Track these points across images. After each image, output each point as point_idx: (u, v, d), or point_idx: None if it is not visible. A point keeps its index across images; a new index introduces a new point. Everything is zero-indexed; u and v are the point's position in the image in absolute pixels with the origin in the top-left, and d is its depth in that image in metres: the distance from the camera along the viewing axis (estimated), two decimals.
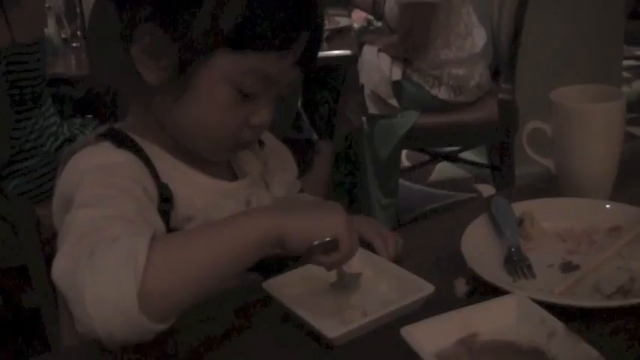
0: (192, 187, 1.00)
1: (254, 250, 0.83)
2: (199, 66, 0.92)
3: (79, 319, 0.76)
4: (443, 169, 3.81)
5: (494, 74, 3.05)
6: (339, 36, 2.97)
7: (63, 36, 3.06)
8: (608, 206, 1.15)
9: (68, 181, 0.93)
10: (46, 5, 3.01)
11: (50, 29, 2.97)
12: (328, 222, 0.86)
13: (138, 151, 0.97)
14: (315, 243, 0.85)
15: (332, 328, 0.87)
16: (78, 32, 3.07)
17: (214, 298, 0.95)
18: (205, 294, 0.83)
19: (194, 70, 0.92)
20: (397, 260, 1.04)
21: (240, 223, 0.84)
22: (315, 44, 0.97)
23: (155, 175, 0.96)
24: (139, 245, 0.77)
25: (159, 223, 0.91)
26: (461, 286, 0.99)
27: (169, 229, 0.95)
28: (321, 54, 2.89)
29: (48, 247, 1.93)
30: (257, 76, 0.94)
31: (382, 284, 0.98)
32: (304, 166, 2.62)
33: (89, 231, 0.81)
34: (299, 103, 2.91)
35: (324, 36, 3.00)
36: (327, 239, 0.85)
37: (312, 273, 0.98)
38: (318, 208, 0.91)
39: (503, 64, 2.99)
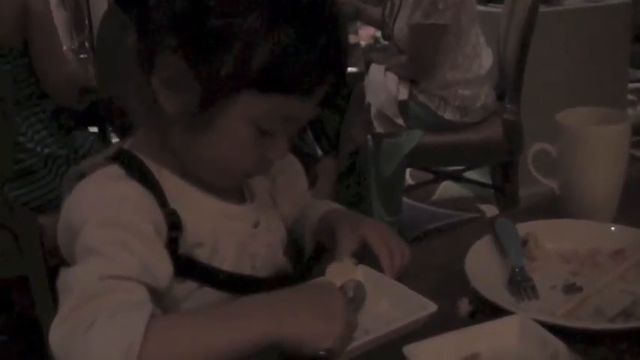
0: (201, 212, 1.00)
1: (247, 351, 0.82)
2: (222, 104, 0.91)
3: None
4: (446, 189, 3.81)
5: (500, 95, 3.06)
6: None
7: (71, 47, 3.08)
8: (612, 229, 1.16)
9: (74, 212, 0.92)
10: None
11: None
12: (326, 334, 0.84)
13: (146, 176, 0.96)
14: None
15: None
16: (86, 43, 3.08)
17: None
18: None
19: (216, 108, 0.91)
20: (401, 276, 1.03)
21: (238, 324, 0.83)
22: (339, 86, 0.97)
23: (163, 202, 0.95)
24: (135, 329, 0.77)
25: (165, 266, 0.90)
26: (464, 306, 0.99)
27: (178, 256, 0.95)
28: None
29: (50, 257, 1.93)
30: (279, 117, 0.93)
31: (385, 302, 0.98)
32: (307, 182, 2.61)
33: (89, 296, 0.81)
34: None
35: None
36: (321, 353, 0.84)
37: None
38: (320, 310, 0.86)
39: (508, 84, 2.99)
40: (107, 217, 0.89)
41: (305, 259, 1.18)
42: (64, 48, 2.74)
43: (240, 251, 1.04)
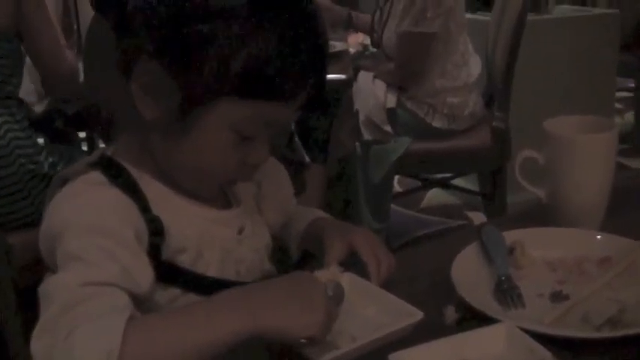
0: (184, 218, 0.99)
1: (229, 345, 0.82)
2: (201, 111, 0.90)
3: None
4: (434, 196, 3.82)
5: (488, 102, 3.07)
6: (335, 60, 2.97)
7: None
8: (598, 237, 1.16)
9: (56, 218, 0.91)
10: None
11: None
12: (307, 323, 0.84)
13: (128, 182, 0.95)
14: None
15: (320, 353, 0.87)
16: (74, 49, 3.07)
17: None
18: None
19: (195, 115, 0.91)
20: (387, 283, 1.03)
21: (218, 320, 0.82)
22: (320, 90, 0.96)
23: (145, 208, 0.95)
24: (114, 334, 0.76)
25: (146, 272, 0.90)
26: (450, 314, 0.99)
27: (161, 262, 0.95)
28: None
29: (19, 277, 1.87)
30: (260, 122, 0.93)
31: (371, 310, 0.98)
32: (296, 189, 2.61)
33: (69, 305, 0.80)
34: (292, 126, 2.91)
35: None
36: (302, 341, 0.85)
37: None
38: (299, 299, 0.86)
39: (497, 92, 3.00)
40: (88, 224, 0.88)
41: (291, 265, 1.17)
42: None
43: (224, 257, 1.03)
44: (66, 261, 0.86)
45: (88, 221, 0.89)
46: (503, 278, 1.05)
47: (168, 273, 0.96)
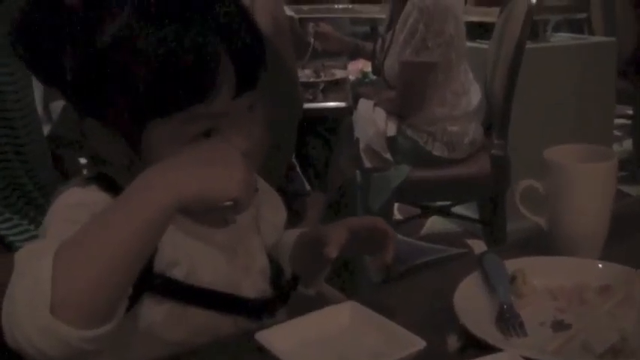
0: (177, 234, 0.99)
1: (157, 227, 0.83)
2: (147, 139, 0.94)
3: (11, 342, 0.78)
4: (434, 223, 3.82)
5: (487, 130, 3.08)
6: (335, 88, 2.99)
7: None
8: (599, 265, 1.16)
9: (47, 218, 0.96)
10: None
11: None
12: (226, 184, 0.85)
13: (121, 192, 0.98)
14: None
15: None
16: None
17: (206, 348, 0.95)
18: (125, 282, 0.82)
19: (147, 143, 0.94)
20: (388, 311, 1.03)
21: (135, 204, 0.82)
22: (250, 60, 0.95)
23: None
24: (45, 267, 0.77)
25: None
26: (453, 342, 0.99)
27: (153, 274, 0.96)
28: (316, 105, 2.91)
29: None
30: (199, 120, 0.93)
31: (373, 338, 0.98)
32: (296, 217, 2.61)
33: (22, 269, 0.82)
34: (293, 155, 2.92)
35: (320, 87, 3.02)
36: (228, 203, 0.86)
37: (303, 325, 0.98)
38: (215, 165, 0.87)
39: (496, 120, 3.01)
40: (68, 218, 0.91)
41: (284, 282, 1.17)
42: None
43: (217, 274, 1.04)
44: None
45: (69, 215, 0.92)
46: (505, 307, 1.05)
47: (162, 286, 0.98)
